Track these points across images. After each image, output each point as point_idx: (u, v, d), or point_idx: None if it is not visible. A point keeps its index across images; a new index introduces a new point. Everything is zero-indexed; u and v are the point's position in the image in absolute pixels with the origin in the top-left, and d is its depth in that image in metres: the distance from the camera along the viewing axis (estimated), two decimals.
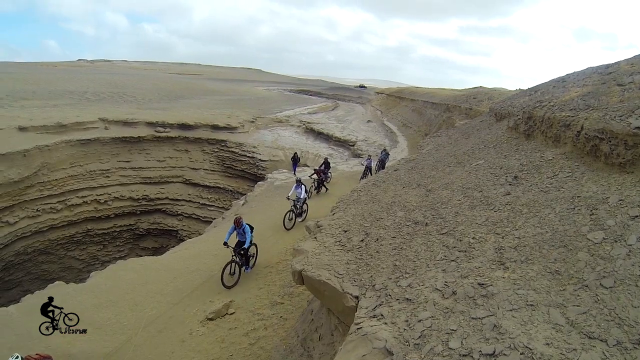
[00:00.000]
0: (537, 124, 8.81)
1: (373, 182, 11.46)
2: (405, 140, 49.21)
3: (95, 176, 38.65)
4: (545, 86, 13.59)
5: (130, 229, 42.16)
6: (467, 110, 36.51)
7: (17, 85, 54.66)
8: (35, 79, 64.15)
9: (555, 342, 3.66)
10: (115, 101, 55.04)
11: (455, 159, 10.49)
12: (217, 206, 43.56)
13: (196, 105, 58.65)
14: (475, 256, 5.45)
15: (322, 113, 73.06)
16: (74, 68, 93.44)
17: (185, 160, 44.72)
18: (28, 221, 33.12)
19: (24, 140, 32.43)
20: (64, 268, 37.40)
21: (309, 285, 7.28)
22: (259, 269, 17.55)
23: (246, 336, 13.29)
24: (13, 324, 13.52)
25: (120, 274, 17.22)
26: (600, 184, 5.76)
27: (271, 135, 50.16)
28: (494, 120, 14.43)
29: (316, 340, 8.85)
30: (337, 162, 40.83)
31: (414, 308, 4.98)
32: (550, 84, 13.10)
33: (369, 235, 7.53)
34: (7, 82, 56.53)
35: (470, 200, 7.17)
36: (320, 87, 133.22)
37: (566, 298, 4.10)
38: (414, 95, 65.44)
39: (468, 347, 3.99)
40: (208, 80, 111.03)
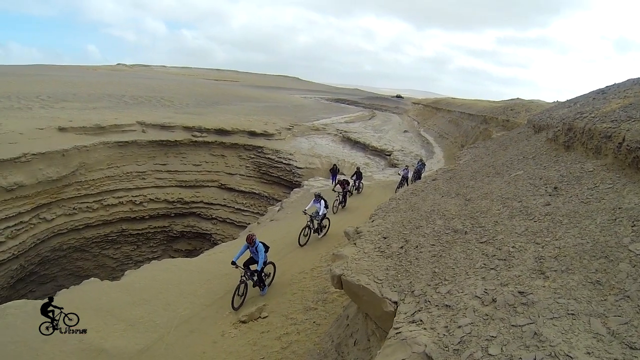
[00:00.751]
0: (578, 135, 8.75)
1: (412, 191, 11.46)
2: (441, 151, 49.03)
3: (132, 178, 39.28)
4: (584, 98, 13.45)
5: (164, 231, 42.61)
6: (504, 122, 36.27)
7: (58, 87, 55.90)
8: (76, 81, 65.53)
9: (597, 352, 3.61)
10: (153, 105, 55.88)
11: (493, 170, 10.45)
12: (252, 211, 43.61)
13: (233, 111, 59.10)
14: (515, 265, 5.41)
15: (358, 122, 72.93)
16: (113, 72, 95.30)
17: (222, 165, 45.03)
18: (65, 219, 33.82)
19: (64, 140, 33.23)
20: (97, 266, 38.07)
21: (348, 289, 7.30)
22: (293, 274, 17.55)
23: (278, 340, 13.30)
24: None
25: (154, 274, 17.46)
26: None
27: (308, 143, 50.18)
28: (532, 132, 14.35)
29: (351, 345, 8.84)
30: (373, 172, 40.89)
31: (453, 314, 4.98)
32: (590, 96, 12.97)
33: (408, 242, 7.53)
34: (49, 84, 57.87)
35: (509, 210, 7.12)
36: (357, 97, 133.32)
37: (607, 308, 4.05)
38: (450, 106, 65.25)
39: (508, 353, 3.97)
40: (245, 87, 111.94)
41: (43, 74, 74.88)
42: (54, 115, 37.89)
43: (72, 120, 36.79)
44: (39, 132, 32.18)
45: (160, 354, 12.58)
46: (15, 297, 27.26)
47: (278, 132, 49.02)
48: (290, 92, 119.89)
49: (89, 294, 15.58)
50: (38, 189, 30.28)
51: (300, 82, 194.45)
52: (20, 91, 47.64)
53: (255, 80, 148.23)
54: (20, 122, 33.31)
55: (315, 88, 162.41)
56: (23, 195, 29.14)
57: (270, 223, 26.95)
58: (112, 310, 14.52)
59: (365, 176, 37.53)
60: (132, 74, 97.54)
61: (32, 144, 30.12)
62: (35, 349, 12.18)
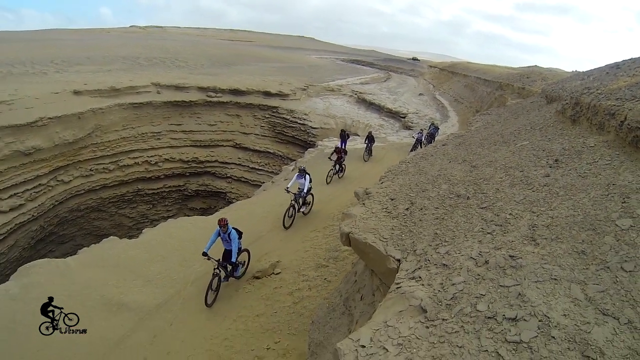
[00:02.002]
0: (584, 110, 8.83)
1: (421, 155, 11.62)
2: (456, 116, 48.73)
3: (147, 138, 39.50)
4: (598, 71, 13.47)
5: (179, 190, 42.99)
6: (520, 90, 35.80)
7: (72, 51, 55.64)
8: (90, 45, 65.13)
9: (572, 315, 3.93)
10: (167, 66, 55.63)
11: (501, 138, 10.60)
12: (266, 170, 43.74)
13: (248, 71, 58.71)
14: (509, 231, 5.69)
15: (374, 84, 72.12)
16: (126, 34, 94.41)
17: (237, 124, 45.01)
18: (82, 180, 34.33)
19: (79, 103, 33.47)
20: (114, 225, 38.65)
21: (355, 247, 7.61)
22: (306, 232, 18.09)
23: (290, 295, 13.87)
24: (71, 274, 14.32)
25: (170, 231, 17.97)
26: (637, 174, 5.86)
27: (323, 104, 49.85)
28: (545, 102, 14.38)
29: (358, 299, 9.22)
30: (388, 133, 40.79)
31: (449, 273, 5.31)
32: (604, 70, 13.00)
33: (413, 204, 7.80)
34: (63, 48, 57.63)
35: (511, 178, 7.35)
36: (373, 58, 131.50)
37: (588, 276, 4.32)
38: (466, 71, 64.37)
39: (493, 310, 4.33)
40: (260, 47, 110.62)
41: (56, 38, 74.46)
42: (69, 79, 38.02)
43: (87, 83, 36.87)
44: (54, 96, 32.42)
45: (177, 308, 13.14)
46: (36, 257, 27.76)
47: (293, 92, 48.78)
48: (305, 53, 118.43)
49: (109, 251, 16.09)
50: (55, 152, 30.79)
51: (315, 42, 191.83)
52: (34, 56, 47.60)
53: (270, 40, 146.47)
54: (35, 87, 33.47)
55: (331, 49, 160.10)
56: (41, 159, 29.64)
57: (284, 182, 27.22)
58: (131, 267, 15.06)
59: (379, 138, 37.54)
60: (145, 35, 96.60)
61: (48, 108, 30.46)
62: (60, 304, 12.70)
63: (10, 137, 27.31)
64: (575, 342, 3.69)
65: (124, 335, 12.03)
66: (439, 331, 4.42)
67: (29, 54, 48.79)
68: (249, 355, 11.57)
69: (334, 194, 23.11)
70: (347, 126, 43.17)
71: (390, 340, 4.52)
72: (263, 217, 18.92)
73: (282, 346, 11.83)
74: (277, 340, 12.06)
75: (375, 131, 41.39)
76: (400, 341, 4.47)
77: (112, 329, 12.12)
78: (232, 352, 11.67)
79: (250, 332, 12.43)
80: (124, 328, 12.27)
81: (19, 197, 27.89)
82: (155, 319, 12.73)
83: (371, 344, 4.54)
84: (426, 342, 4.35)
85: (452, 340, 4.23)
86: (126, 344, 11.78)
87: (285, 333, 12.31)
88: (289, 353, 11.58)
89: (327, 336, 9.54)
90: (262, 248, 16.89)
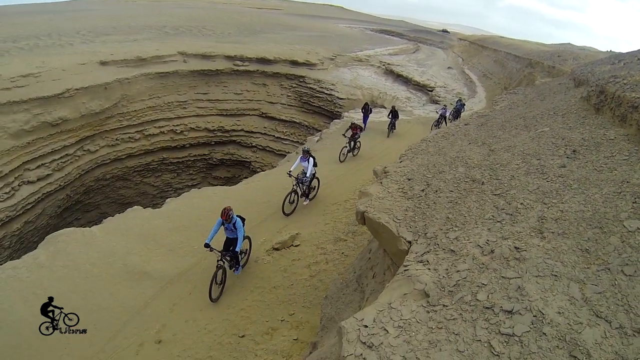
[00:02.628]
0: (608, 100, 8.70)
1: (442, 135, 11.65)
2: (484, 91, 48.15)
3: (173, 107, 39.69)
4: (630, 57, 13.20)
5: (204, 159, 43.24)
6: (550, 69, 35.10)
7: (98, 21, 55.87)
8: (116, 15, 65.17)
9: (566, 313, 4.02)
10: (194, 35, 55.54)
11: (523, 122, 10.50)
12: (291, 140, 43.79)
13: (275, 40, 58.33)
14: (519, 221, 5.73)
15: (402, 55, 71.15)
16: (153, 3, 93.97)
17: (263, 94, 44.92)
18: (107, 149, 34.80)
19: (105, 74, 33.79)
20: (139, 193, 39.28)
21: (370, 226, 7.75)
22: (326, 205, 18.35)
23: (308, 268, 14.13)
24: (96, 243, 14.74)
25: (193, 201, 18.34)
26: None
27: (350, 74, 49.34)
28: (572, 85, 14.13)
29: (370, 277, 9.41)
30: (414, 107, 40.50)
31: (455, 259, 5.42)
32: (636, 55, 12.74)
33: (429, 186, 7.87)
34: (89, 19, 57.85)
35: (527, 166, 7.34)
36: (402, 29, 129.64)
37: (587, 276, 4.38)
38: (497, 46, 63.19)
39: (492, 301, 4.45)
40: (288, 16, 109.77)
41: (83, 9, 74.55)
42: (95, 50, 38.24)
43: (113, 53, 37.07)
44: (81, 67, 32.74)
45: (197, 277, 13.52)
46: (63, 225, 28.78)
47: (321, 62, 48.39)
48: (334, 22, 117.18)
49: (133, 221, 16.48)
50: (82, 122, 31.31)
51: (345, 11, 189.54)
52: (60, 28, 47.95)
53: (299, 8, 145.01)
54: (62, 58, 33.81)
55: (360, 18, 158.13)
56: (67, 129, 30.20)
57: None
58: (154, 236, 15.43)
59: (406, 111, 37.33)
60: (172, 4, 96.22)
61: (74, 79, 30.87)
62: (85, 271, 13.19)
63: (38, 109, 27.84)
64: (565, 341, 3.79)
65: (145, 303, 12.45)
66: (438, 317, 4.57)
67: (55, 26, 49.15)
68: (264, 326, 11.88)
69: (356, 167, 23.21)
70: (373, 98, 42.97)
71: (392, 322, 4.68)
72: (285, 189, 19.09)
73: (296, 318, 12.13)
74: (291, 312, 12.36)
75: (401, 104, 41.12)
76: (401, 324, 4.62)
77: (134, 297, 12.50)
78: (247, 322, 11.99)
79: (266, 303, 12.74)
80: (145, 296, 12.70)
81: (46, 167, 28.56)
82: (175, 288, 13.12)
83: (373, 324, 4.69)
84: (425, 326, 4.50)
85: (449, 327, 4.37)
86: (147, 311, 12.20)
87: (300, 306, 12.59)
88: (302, 326, 11.86)
89: (339, 311, 9.74)
90: (283, 220, 17.19)
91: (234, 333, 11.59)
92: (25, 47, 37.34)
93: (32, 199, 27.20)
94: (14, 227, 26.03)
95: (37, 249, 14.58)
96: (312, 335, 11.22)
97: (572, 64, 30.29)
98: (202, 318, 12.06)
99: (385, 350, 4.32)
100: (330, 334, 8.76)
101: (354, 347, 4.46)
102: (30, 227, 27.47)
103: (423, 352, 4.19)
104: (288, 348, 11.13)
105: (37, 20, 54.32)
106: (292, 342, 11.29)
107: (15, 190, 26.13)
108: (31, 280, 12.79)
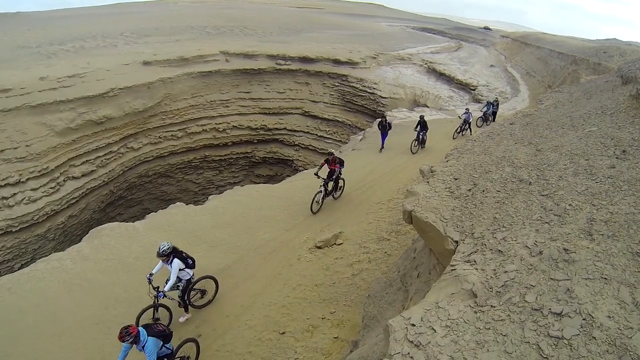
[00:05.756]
0: None
1: (488, 134, 11.49)
2: (527, 90, 47.43)
3: (215, 106, 40.23)
4: None
5: (246, 157, 43.65)
6: (595, 66, 34.47)
7: (141, 23, 57.20)
8: (158, 16, 66.44)
9: (616, 317, 3.90)
10: (236, 35, 56.13)
11: (570, 121, 10.28)
12: (334, 139, 43.83)
13: (317, 39, 58.53)
14: (567, 222, 5.59)
15: (444, 53, 70.51)
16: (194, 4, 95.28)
17: (305, 92, 45.12)
18: (150, 147, 35.67)
19: (149, 73, 34.72)
20: (181, 190, 39.90)
21: (417, 225, 7.67)
22: (370, 204, 18.22)
23: (350, 267, 14.02)
24: (139, 237, 15.03)
25: (236, 199, 18.41)
26: None
27: (392, 73, 49.19)
28: (620, 83, 13.71)
29: (415, 277, 9.32)
30: (457, 106, 39.93)
31: (503, 260, 5.32)
32: None
33: (476, 186, 7.77)
34: (132, 21, 59.20)
35: (575, 166, 7.16)
36: (444, 26, 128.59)
37: (638, 280, 4.25)
38: (540, 42, 62.26)
39: (541, 303, 4.35)
40: (329, 14, 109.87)
41: (126, 11, 76.14)
42: (139, 51, 39.32)
43: (156, 54, 37.98)
44: (124, 68, 33.71)
45: (238, 273, 13.58)
46: (106, 220, 29.50)
47: (363, 60, 48.24)
48: (375, 20, 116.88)
49: (175, 217, 16.68)
50: (125, 120, 32.21)
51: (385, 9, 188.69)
52: (104, 30, 49.39)
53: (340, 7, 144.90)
54: (106, 59, 34.89)
55: (401, 16, 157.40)
56: (112, 127, 31.14)
57: (351, 152, 27.12)
58: (196, 232, 15.60)
59: (448, 110, 36.87)
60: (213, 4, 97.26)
61: (119, 79, 31.86)
62: (128, 265, 13.40)
63: (83, 108, 28.83)
64: (615, 346, 3.68)
65: None
66: (486, 317, 4.50)
67: (100, 28, 50.66)
68: (305, 323, 11.84)
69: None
70: (416, 97, 42.78)
71: (440, 321, 4.63)
72: None
73: (337, 317, 12.06)
74: (332, 310, 12.29)
75: (444, 102, 40.70)
76: (448, 323, 4.57)
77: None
78: (288, 319, 11.98)
79: (308, 300, 12.70)
80: None
81: (90, 164, 29.50)
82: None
83: (421, 323, 4.65)
84: (472, 326, 4.44)
85: (497, 327, 4.30)
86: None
87: (341, 304, 12.52)
88: (343, 324, 11.79)
89: (382, 310, 9.67)
90: (326, 219, 17.15)
91: (275, 330, 11.59)
92: (71, 49, 38.50)
93: (77, 194, 28.05)
94: (58, 221, 26.79)
95: (81, 242, 14.97)
96: (353, 333, 11.17)
97: (618, 60, 29.59)
98: (244, 314, 12.10)
99: (433, 350, 4.28)
100: (372, 333, 8.72)
101: (401, 346, 4.42)
102: (74, 220, 28.27)
103: (470, 352, 4.13)
104: (328, 346, 11.09)
105: (82, 23, 56.03)
106: (333, 340, 11.25)
107: (61, 185, 26.96)
108: (75, 271, 13.13)
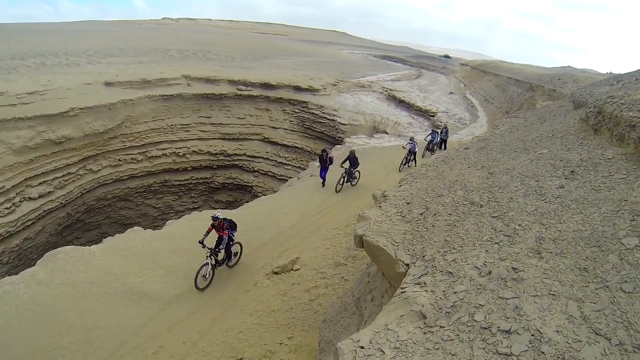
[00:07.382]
0: (606, 120, 8.72)
1: (443, 159, 11.62)
2: (485, 116, 48.52)
3: (176, 130, 39.99)
4: (629, 77, 13.28)
5: (205, 182, 43.38)
6: (550, 92, 35.45)
7: (105, 42, 56.86)
8: (122, 36, 66.25)
9: (565, 332, 3.95)
10: (199, 59, 56.07)
11: (522, 145, 10.51)
12: (293, 165, 43.91)
13: (279, 65, 58.87)
14: (516, 242, 5.69)
15: (405, 81, 71.50)
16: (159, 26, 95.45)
17: (266, 119, 45.19)
18: (110, 170, 35.10)
19: (110, 94, 34.30)
20: (140, 215, 39.33)
21: (368, 249, 7.67)
22: (328, 230, 18.25)
23: (307, 292, 14.06)
24: (95, 262, 14.74)
25: (194, 224, 18.22)
26: None
27: (352, 100, 49.68)
28: (572, 107, 14.21)
29: (369, 300, 9.36)
30: (416, 132, 40.23)
31: (452, 281, 5.36)
32: (634, 76, 12.82)
33: (428, 210, 7.81)
34: (96, 40, 58.85)
35: (525, 188, 7.31)
36: (405, 54, 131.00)
37: (586, 294, 4.33)
38: (498, 70, 63.95)
39: (489, 321, 4.38)
40: (293, 41, 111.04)
41: (90, 30, 75.84)
42: (101, 70, 38.86)
43: (119, 74, 37.64)
44: (86, 87, 33.21)
45: (195, 299, 13.50)
46: (63, 243, 28.84)
47: (323, 87, 48.64)
48: (338, 48, 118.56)
49: (133, 241, 16.47)
50: (85, 141, 31.61)
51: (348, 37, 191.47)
52: (68, 48, 48.75)
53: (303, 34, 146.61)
54: (68, 77, 34.32)
55: (363, 44, 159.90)
56: (71, 148, 30.52)
57: (309, 178, 27.12)
58: (153, 257, 15.43)
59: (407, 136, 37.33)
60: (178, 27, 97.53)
61: (79, 99, 31.32)
62: (82, 290, 13.15)
63: (42, 126, 28.16)
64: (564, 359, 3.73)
65: (143, 324, 12.43)
66: (435, 338, 4.50)
67: (63, 45, 49.96)
68: (262, 349, 11.77)
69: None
70: (375, 123, 43.23)
71: (388, 343, 4.62)
72: (286, 213, 19.07)
73: (294, 342, 12.02)
74: (290, 335, 12.26)
75: (403, 129, 41.20)
76: (397, 345, 4.56)
77: (132, 317, 12.48)
78: (245, 345, 11.91)
79: (265, 326, 12.66)
80: (143, 316, 12.68)
81: (48, 185, 28.76)
82: (173, 309, 13.08)
83: (370, 345, 4.64)
84: (422, 347, 4.44)
85: (446, 347, 4.31)
86: (144, 332, 12.16)
87: (298, 329, 12.50)
88: (301, 349, 11.76)
89: (337, 334, 9.68)
90: (283, 244, 17.14)
91: (232, 356, 11.51)
92: (32, 65, 37.83)
93: (33, 216, 27.33)
94: (13, 243, 26.09)
95: (35, 266, 14.58)
96: (311, 358, 11.15)
97: (572, 87, 30.52)
98: (200, 340, 12.00)
99: None
100: (329, 357, 8.69)
101: None
102: (29, 243, 27.54)
103: None
104: None
105: (46, 38, 55.18)
106: None
107: (17, 206, 26.29)
108: (28, 296, 12.80)
